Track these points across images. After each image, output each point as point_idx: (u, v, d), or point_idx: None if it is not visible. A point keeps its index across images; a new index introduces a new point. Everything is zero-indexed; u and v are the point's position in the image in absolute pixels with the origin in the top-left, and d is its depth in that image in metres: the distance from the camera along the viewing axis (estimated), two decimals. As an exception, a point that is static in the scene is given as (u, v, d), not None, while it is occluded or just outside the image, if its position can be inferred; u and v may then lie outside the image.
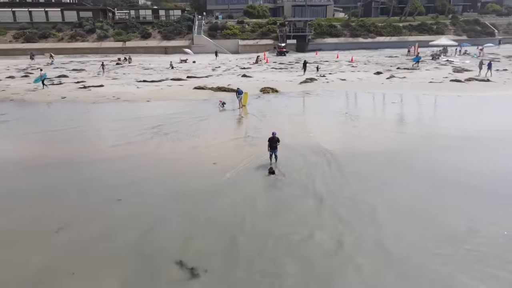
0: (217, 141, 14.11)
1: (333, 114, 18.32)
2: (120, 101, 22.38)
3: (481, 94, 23.20)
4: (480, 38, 58.10)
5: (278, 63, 40.84)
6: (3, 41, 53.75)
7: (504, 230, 7.61)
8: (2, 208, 8.99)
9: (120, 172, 11.20)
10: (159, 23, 59.01)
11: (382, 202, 8.86)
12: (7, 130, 16.65)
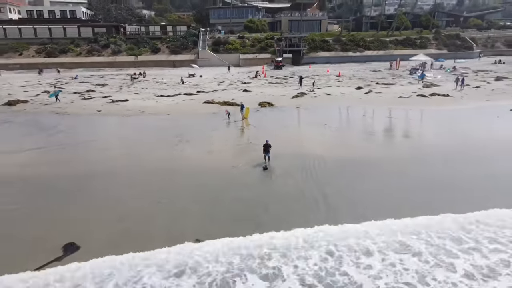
0: (227, 147, 19.51)
1: (315, 126, 23.73)
2: (146, 114, 27.80)
3: (439, 108, 28.62)
4: (459, 52, 63.81)
5: (275, 77, 46.36)
6: (27, 55, 59.42)
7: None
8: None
9: (161, 170, 16.59)
10: (167, 38, 64.77)
11: (331, 189, 14.28)
12: (66, 139, 21.94)
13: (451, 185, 14.08)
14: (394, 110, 27.81)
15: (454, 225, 11.07)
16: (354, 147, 19.35)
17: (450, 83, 38.93)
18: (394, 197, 13.21)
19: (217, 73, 50.56)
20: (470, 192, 13.47)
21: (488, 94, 33.33)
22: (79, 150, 19.49)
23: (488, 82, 39.31)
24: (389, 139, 21.16)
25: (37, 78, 47.84)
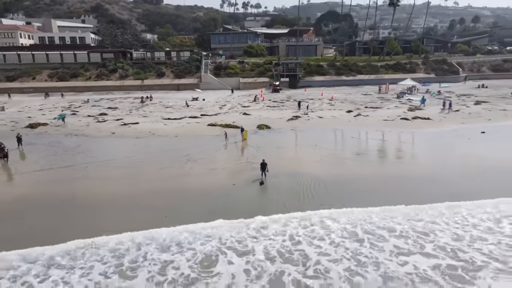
0: (228, 165, 22.65)
1: (306, 147, 26.99)
2: (156, 136, 31.03)
3: (418, 131, 31.94)
4: (446, 76, 67.83)
5: (273, 100, 49.92)
6: (40, 79, 63.25)
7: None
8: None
9: (172, 183, 19.68)
10: (172, 63, 68.87)
11: (314, 194, 17.39)
12: (88, 159, 25.07)
13: (408, 199, 17.21)
14: (378, 133, 31.09)
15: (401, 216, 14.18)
16: (337, 164, 22.54)
17: (434, 106, 42.54)
18: (364, 200, 16.30)
19: (219, 97, 54.16)
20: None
21: (465, 117, 36.73)
22: (101, 168, 22.59)
23: (467, 106, 42.84)
24: (369, 158, 24.30)
25: (53, 101, 51.36)
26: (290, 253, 12.67)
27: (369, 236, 13.68)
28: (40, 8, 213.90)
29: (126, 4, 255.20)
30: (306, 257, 12.39)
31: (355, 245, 13.06)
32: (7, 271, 11.82)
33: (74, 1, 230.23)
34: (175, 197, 17.71)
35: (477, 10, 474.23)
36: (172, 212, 15.93)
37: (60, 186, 19.42)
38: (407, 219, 14.94)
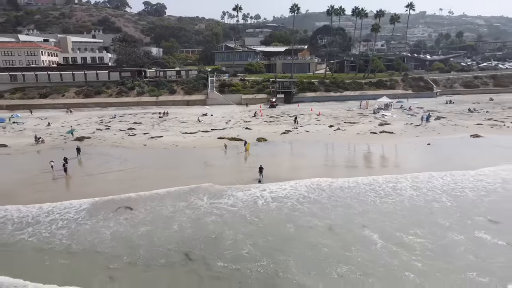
0: (236, 168, 32.13)
1: (293, 155, 36.52)
2: (179, 148, 40.46)
3: (380, 142, 41.41)
4: (422, 92, 77.62)
5: (269, 116, 59.49)
6: (68, 96, 72.92)
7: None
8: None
9: (195, 176, 29.11)
10: (182, 81, 78.62)
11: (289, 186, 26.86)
12: (133, 164, 34.36)
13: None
14: (349, 144, 40.64)
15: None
16: (312, 167, 32.07)
17: (400, 122, 52.13)
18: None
19: (224, 112, 63.74)
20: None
21: (422, 131, 46.26)
22: (145, 170, 32.04)
23: (428, 121, 52.40)
24: (339, 163, 33.77)
25: (85, 116, 60.91)
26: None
27: (330, 192, 23.12)
28: (50, 21, 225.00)
29: (131, 16, 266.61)
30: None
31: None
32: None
33: (83, 14, 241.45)
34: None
35: (471, 19, 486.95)
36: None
37: (123, 183, 28.86)
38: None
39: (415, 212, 22.36)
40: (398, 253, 17.64)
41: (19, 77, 74.83)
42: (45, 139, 44.11)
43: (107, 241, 19.40)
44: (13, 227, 21.26)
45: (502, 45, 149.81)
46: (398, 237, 19.16)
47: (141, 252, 18.24)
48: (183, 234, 19.97)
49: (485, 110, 59.46)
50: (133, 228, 20.77)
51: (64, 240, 19.58)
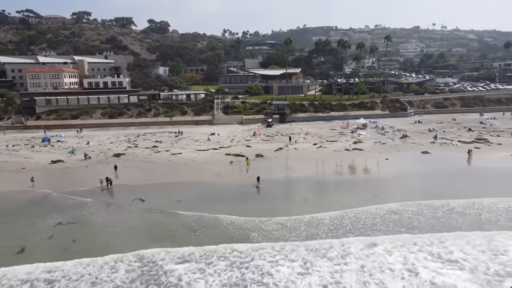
0: (240, 178, 44.59)
1: (282, 167, 48.98)
2: (196, 162, 52.83)
3: (350, 158, 53.85)
4: (397, 112, 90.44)
5: (266, 135, 71.96)
6: (95, 117, 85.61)
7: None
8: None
9: (213, 187, 41.51)
10: (191, 103, 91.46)
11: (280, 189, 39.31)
12: (165, 176, 46.72)
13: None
14: (325, 159, 53.14)
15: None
16: (297, 175, 44.54)
17: (372, 140, 64.62)
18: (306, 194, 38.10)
19: (229, 131, 76.17)
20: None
21: (386, 149, 58.69)
22: (171, 179, 44.38)
23: (393, 140, 65.01)
24: (315, 172, 46.16)
25: (114, 135, 73.29)
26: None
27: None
28: (61, 40, 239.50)
29: (137, 34, 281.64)
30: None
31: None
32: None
33: (91, 33, 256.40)
34: (212, 191, 39.59)
35: (463, 33, 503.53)
36: (211, 194, 37.84)
37: (162, 191, 41.19)
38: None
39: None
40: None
41: (53, 100, 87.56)
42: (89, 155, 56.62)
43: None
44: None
45: (480, 65, 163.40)
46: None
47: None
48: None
49: (443, 130, 72.16)
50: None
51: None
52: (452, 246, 25.62)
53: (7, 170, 49.60)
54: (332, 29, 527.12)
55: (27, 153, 59.65)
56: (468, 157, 50.53)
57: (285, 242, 27.04)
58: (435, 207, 33.31)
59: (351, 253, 25.19)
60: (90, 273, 23.52)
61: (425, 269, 22.91)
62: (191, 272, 23.24)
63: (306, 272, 22.97)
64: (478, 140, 61.95)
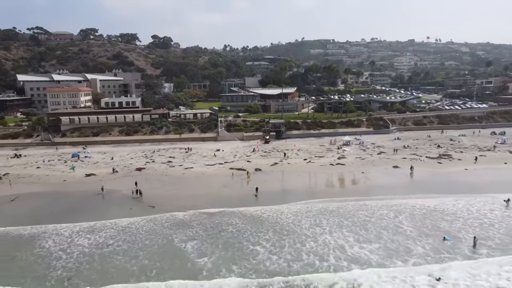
0: (242, 188, 55.86)
1: (276, 179, 60.29)
2: (205, 175, 64.05)
3: (333, 172, 65.16)
4: (380, 129, 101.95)
5: (264, 151, 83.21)
6: (113, 134, 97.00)
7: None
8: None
9: (222, 196, 52.74)
10: (198, 121, 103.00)
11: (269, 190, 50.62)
12: (183, 187, 57.91)
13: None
14: (312, 173, 64.42)
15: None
16: (288, 185, 55.81)
17: (354, 156, 75.87)
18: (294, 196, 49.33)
19: (231, 147, 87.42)
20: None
21: (364, 164, 69.94)
22: (188, 190, 55.60)
23: (372, 155, 76.33)
24: (302, 184, 57.35)
25: (132, 151, 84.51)
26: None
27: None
28: (70, 57, 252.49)
29: (141, 50, 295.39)
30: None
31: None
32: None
33: (99, 50, 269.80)
34: (222, 198, 50.76)
35: (457, 46, 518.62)
36: (221, 200, 49.09)
37: (180, 198, 52.36)
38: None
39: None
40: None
41: (76, 119, 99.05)
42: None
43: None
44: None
45: (463, 82, 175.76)
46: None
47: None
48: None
49: (416, 146, 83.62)
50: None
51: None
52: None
53: (51, 183, 60.72)
54: (330, 42, 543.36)
55: (62, 167, 70.85)
56: (410, 172, 62.66)
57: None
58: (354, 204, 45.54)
59: (302, 222, 36.49)
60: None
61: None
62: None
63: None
64: (443, 156, 73.32)
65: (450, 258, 33.17)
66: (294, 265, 32.42)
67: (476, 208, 45.05)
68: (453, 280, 29.21)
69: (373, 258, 33.13)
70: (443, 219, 41.70)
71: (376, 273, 30.05)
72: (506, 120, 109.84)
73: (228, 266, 32.52)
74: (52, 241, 38.38)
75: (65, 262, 34.00)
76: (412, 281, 29.22)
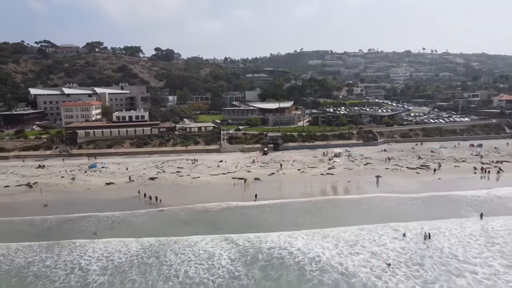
0: (243, 194, 64.96)
1: (272, 187, 69.44)
2: (211, 184, 73.11)
3: (323, 180, 74.30)
4: (369, 141, 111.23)
5: (262, 162, 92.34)
6: (125, 147, 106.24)
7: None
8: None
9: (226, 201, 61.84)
10: (202, 134, 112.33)
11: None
12: (190, 194, 66.94)
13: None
14: (304, 181, 73.52)
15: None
16: (282, 193, 64.94)
17: (342, 166, 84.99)
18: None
19: (233, 159, 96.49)
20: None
21: (351, 174, 79.05)
22: (196, 195, 64.66)
23: (358, 166, 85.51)
24: (295, 191, 66.43)
25: (144, 162, 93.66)
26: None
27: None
28: (77, 69, 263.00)
29: (145, 62, 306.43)
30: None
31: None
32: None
33: (104, 62, 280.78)
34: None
35: (452, 57, 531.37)
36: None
37: (192, 202, 61.45)
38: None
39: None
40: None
41: (91, 133, 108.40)
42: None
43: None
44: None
45: (451, 95, 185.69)
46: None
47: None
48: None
49: (399, 158, 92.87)
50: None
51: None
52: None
53: (77, 191, 69.73)
54: (328, 53, 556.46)
55: (84, 177, 79.92)
56: (376, 180, 72.26)
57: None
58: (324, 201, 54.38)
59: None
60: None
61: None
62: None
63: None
64: (421, 166, 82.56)
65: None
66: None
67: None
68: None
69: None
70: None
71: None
72: (486, 132, 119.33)
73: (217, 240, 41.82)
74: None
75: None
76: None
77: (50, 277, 38.82)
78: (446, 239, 45.51)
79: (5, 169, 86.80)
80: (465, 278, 36.93)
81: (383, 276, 37.32)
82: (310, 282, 36.75)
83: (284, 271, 38.78)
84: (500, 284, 35.82)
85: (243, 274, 38.25)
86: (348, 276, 37.48)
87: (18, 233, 49.83)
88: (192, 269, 39.49)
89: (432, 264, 39.64)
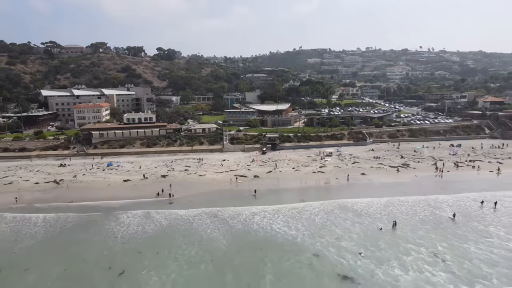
0: (242, 190, 75.23)
1: (270, 184, 79.75)
2: (216, 181, 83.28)
3: (314, 178, 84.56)
4: (359, 142, 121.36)
5: (261, 161, 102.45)
6: (136, 147, 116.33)
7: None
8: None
9: (228, 196, 72.13)
10: (206, 135, 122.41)
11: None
12: (198, 189, 77.18)
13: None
14: (297, 178, 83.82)
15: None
16: (279, 187, 75.26)
17: (333, 165, 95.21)
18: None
19: (235, 158, 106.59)
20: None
21: (339, 172, 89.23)
22: (201, 191, 74.92)
23: (347, 164, 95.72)
24: (289, 186, 76.68)
25: (154, 161, 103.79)
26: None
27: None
28: (83, 70, 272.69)
29: (148, 62, 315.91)
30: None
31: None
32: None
33: (108, 63, 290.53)
34: (228, 194, 70.16)
35: (448, 55, 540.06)
36: (229, 199, 68.56)
37: (200, 195, 71.74)
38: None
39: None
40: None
41: (104, 134, 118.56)
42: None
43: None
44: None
45: (441, 96, 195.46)
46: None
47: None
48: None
49: (384, 157, 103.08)
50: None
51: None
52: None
53: (99, 188, 79.80)
54: (326, 51, 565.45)
55: (102, 174, 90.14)
56: (347, 177, 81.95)
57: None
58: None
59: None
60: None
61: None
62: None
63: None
64: (402, 165, 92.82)
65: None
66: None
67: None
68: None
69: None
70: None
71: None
72: (467, 133, 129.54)
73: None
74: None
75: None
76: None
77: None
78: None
79: (31, 167, 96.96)
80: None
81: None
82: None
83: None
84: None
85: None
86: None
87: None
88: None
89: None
